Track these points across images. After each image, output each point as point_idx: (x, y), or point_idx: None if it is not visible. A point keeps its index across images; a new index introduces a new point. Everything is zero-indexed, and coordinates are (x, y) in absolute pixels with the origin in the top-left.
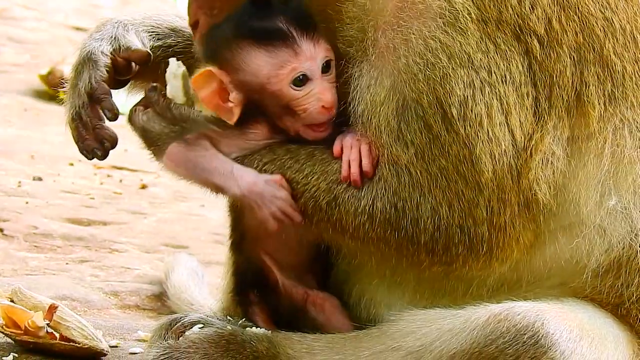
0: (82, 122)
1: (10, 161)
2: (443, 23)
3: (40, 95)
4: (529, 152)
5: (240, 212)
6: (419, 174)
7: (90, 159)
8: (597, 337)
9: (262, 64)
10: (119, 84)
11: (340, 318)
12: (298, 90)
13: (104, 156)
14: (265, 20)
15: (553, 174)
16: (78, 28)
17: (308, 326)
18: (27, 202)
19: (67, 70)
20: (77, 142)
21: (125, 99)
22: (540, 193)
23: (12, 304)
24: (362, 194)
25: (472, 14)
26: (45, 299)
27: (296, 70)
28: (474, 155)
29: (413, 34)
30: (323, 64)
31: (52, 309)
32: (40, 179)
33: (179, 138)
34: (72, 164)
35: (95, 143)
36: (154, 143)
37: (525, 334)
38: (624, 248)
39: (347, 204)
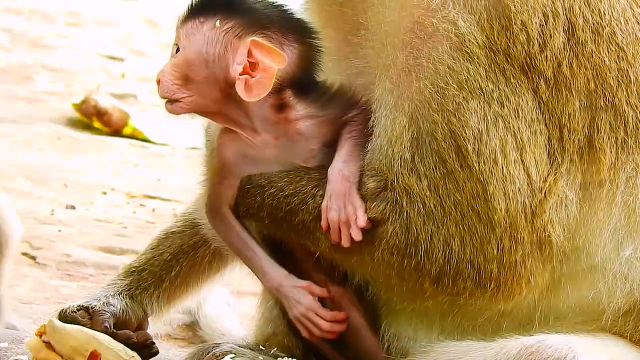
0: None
1: (44, 189)
2: (449, 47)
3: (74, 123)
4: (543, 193)
5: None
6: (432, 206)
7: None
8: None
9: None
10: None
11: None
12: None
13: None
14: None
15: (567, 217)
16: (112, 57)
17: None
18: (59, 230)
19: (101, 100)
20: None
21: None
22: (555, 235)
23: (43, 345)
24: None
25: (478, 40)
26: (78, 331)
27: None
28: (487, 192)
29: (424, 57)
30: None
31: (94, 357)
32: (73, 207)
33: None
34: (104, 193)
35: None
36: None
37: None
38: None
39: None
